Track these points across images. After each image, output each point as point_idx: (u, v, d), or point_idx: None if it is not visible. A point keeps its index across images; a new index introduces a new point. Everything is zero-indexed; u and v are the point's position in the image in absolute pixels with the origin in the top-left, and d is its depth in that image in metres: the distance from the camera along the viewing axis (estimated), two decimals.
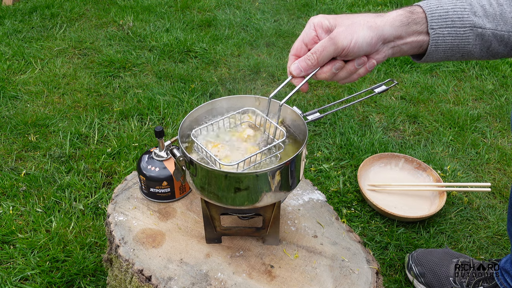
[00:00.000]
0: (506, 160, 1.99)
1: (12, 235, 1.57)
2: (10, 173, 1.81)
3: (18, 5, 3.16)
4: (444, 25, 0.84)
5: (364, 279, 1.05)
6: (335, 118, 2.18)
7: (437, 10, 0.84)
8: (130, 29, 2.92)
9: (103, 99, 2.29)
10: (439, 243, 1.61)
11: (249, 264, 1.06)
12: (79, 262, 1.46)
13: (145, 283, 1.02)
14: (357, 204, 1.75)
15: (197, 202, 1.21)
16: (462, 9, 0.84)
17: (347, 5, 3.36)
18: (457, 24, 0.84)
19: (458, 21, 0.84)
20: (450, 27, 0.84)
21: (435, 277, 1.41)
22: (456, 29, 0.84)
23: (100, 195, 1.73)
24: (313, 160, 1.94)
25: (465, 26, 0.84)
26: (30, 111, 2.17)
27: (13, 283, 1.41)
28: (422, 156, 1.99)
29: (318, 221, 1.19)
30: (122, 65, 2.55)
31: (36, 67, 2.52)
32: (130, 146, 1.95)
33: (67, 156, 1.91)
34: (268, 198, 0.94)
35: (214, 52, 2.71)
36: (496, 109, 2.31)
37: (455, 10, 0.84)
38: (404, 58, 2.63)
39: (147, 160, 1.18)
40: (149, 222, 1.15)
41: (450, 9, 0.84)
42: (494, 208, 1.75)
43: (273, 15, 3.20)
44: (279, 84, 2.47)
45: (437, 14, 0.84)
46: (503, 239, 1.63)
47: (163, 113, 2.17)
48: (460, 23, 0.84)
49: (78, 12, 3.13)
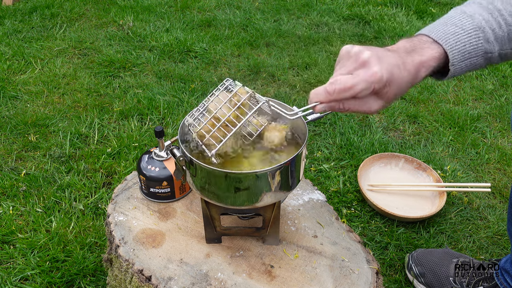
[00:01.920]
0: (506, 160, 1.99)
1: (12, 235, 1.57)
2: (10, 173, 1.81)
3: (18, 5, 3.16)
4: (462, 59, 0.86)
5: (364, 279, 1.05)
6: (335, 118, 2.18)
7: (456, 46, 0.85)
8: (130, 29, 2.92)
9: (103, 99, 2.29)
10: (439, 243, 1.61)
11: (249, 264, 1.07)
12: (79, 262, 1.46)
13: (145, 283, 1.02)
14: (357, 204, 1.75)
15: (197, 202, 1.21)
16: (477, 39, 0.85)
17: (347, 5, 3.36)
18: (472, 55, 0.86)
19: (474, 52, 0.86)
20: (467, 59, 0.86)
21: (435, 277, 1.41)
22: (471, 59, 0.87)
23: (100, 195, 1.73)
24: (313, 160, 1.94)
25: (478, 55, 0.87)
26: (30, 111, 2.17)
27: (13, 283, 1.41)
28: (422, 156, 1.99)
29: (318, 221, 1.19)
30: (122, 65, 2.55)
31: (36, 67, 2.52)
32: (130, 146, 1.95)
33: (67, 156, 1.91)
34: (268, 198, 0.94)
35: (214, 52, 2.71)
36: (496, 109, 2.31)
37: (471, 42, 0.85)
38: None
39: (147, 160, 1.18)
40: (149, 222, 1.15)
41: (467, 42, 0.85)
42: (494, 208, 1.75)
43: (273, 15, 3.20)
44: (279, 85, 2.47)
45: (456, 50, 0.85)
46: (503, 239, 1.63)
47: (163, 113, 2.17)
48: (475, 53, 0.86)
49: (78, 12, 3.13)
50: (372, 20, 3.13)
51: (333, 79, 0.82)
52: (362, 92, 0.81)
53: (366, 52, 0.81)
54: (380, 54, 0.81)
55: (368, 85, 0.80)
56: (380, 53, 0.82)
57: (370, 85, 0.80)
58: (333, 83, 0.81)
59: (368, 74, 0.80)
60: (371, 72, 0.79)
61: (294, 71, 2.58)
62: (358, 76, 0.80)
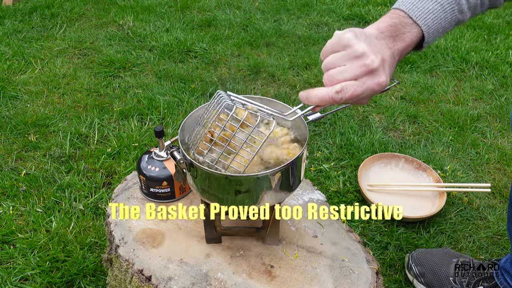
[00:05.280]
0: (506, 160, 1.99)
1: (12, 235, 1.57)
2: (10, 173, 1.81)
3: (18, 5, 3.16)
4: (436, 34, 0.89)
5: (364, 279, 1.05)
6: (335, 118, 2.18)
7: (433, 25, 0.87)
8: (130, 29, 2.92)
9: (103, 99, 2.29)
10: (439, 243, 1.61)
11: (249, 264, 1.07)
12: (79, 262, 1.46)
13: (145, 283, 1.02)
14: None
15: (197, 202, 1.21)
16: (452, 12, 0.88)
17: (347, 5, 3.36)
18: (446, 29, 0.89)
19: (448, 25, 0.89)
20: (440, 33, 0.89)
21: (435, 277, 1.41)
22: (444, 31, 0.90)
23: (100, 195, 1.73)
24: (313, 160, 1.94)
25: (450, 26, 0.90)
26: (30, 111, 2.17)
27: (13, 283, 1.41)
28: (422, 156, 1.99)
29: (318, 221, 1.19)
30: (122, 65, 2.55)
31: (36, 67, 2.52)
32: (130, 146, 1.95)
33: (67, 156, 1.91)
34: (269, 200, 0.94)
35: (214, 52, 2.71)
36: (496, 109, 2.31)
37: (446, 18, 0.88)
38: (404, 58, 2.62)
39: (147, 160, 1.18)
40: (149, 222, 1.15)
41: (443, 18, 0.87)
42: (494, 208, 1.75)
43: (273, 15, 3.20)
44: (279, 85, 2.47)
45: (432, 29, 0.87)
46: (503, 239, 1.63)
47: (163, 113, 2.17)
48: (448, 25, 0.89)
49: (78, 12, 3.13)
50: (372, 20, 3.13)
51: (339, 87, 0.81)
52: (365, 98, 0.83)
53: (374, 58, 0.80)
54: (384, 57, 0.82)
55: (374, 92, 0.82)
56: (383, 55, 0.82)
57: (375, 93, 0.82)
58: (340, 92, 0.81)
59: (376, 83, 0.81)
60: (379, 81, 0.81)
61: (294, 71, 2.58)
62: (365, 84, 0.81)
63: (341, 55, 0.82)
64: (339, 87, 0.81)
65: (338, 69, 0.82)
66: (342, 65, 0.82)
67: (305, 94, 0.85)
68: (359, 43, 0.80)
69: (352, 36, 0.81)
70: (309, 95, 0.85)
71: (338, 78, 0.82)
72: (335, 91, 0.81)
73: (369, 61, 0.80)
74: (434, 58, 2.72)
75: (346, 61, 0.82)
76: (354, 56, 0.80)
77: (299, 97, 0.87)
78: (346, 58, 0.81)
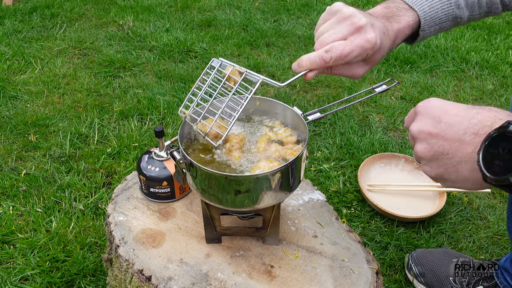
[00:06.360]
0: None
1: (12, 235, 1.57)
2: (10, 173, 1.81)
3: (18, 5, 3.16)
4: (433, 24, 0.90)
5: (364, 279, 1.05)
6: (335, 118, 2.18)
7: (429, 12, 0.88)
8: (130, 29, 2.92)
9: (103, 99, 2.29)
10: (439, 243, 1.61)
11: (249, 264, 1.07)
12: (79, 262, 1.46)
13: (145, 283, 1.02)
14: (357, 204, 1.75)
15: (197, 202, 1.21)
16: (449, 5, 0.89)
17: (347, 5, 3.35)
18: (443, 20, 0.91)
19: (444, 17, 0.90)
20: (437, 24, 0.91)
21: (435, 277, 1.41)
22: (441, 24, 0.91)
23: (100, 195, 1.73)
24: (313, 160, 1.94)
25: (448, 20, 0.91)
26: (30, 111, 2.17)
27: (13, 283, 1.41)
28: None
29: (318, 221, 1.19)
30: (122, 65, 2.55)
31: (36, 67, 2.52)
32: (130, 146, 1.95)
33: (67, 156, 1.91)
34: (269, 200, 0.94)
35: (214, 52, 2.71)
36: None
37: (443, 8, 0.89)
38: (404, 58, 2.63)
39: (147, 160, 1.18)
40: (149, 222, 1.15)
41: (439, 8, 0.89)
42: (494, 208, 1.75)
43: (273, 15, 3.20)
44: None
45: (429, 16, 0.88)
46: (503, 239, 1.63)
47: (163, 113, 2.17)
48: (445, 18, 0.90)
49: (78, 12, 3.13)
50: None
51: (328, 46, 0.82)
52: (356, 58, 0.82)
53: (361, 17, 0.81)
54: (372, 20, 0.83)
55: (363, 51, 0.81)
56: (372, 19, 0.83)
57: (365, 52, 0.81)
58: (329, 51, 0.81)
59: (364, 39, 0.81)
60: (368, 38, 0.81)
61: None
62: (353, 43, 0.81)
63: (331, 21, 0.84)
64: (328, 47, 0.82)
65: (328, 32, 0.84)
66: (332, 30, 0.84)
67: (296, 61, 0.87)
68: (347, 8, 0.83)
69: (341, 5, 0.84)
70: (300, 60, 0.86)
71: (327, 40, 0.83)
72: (324, 51, 0.82)
73: (356, 19, 0.81)
74: (434, 58, 2.72)
75: (335, 24, 0.84)
76: (342, 18, 0.83)
77: (292, 68, 0.88)
78: (336, 22, 0.84)
